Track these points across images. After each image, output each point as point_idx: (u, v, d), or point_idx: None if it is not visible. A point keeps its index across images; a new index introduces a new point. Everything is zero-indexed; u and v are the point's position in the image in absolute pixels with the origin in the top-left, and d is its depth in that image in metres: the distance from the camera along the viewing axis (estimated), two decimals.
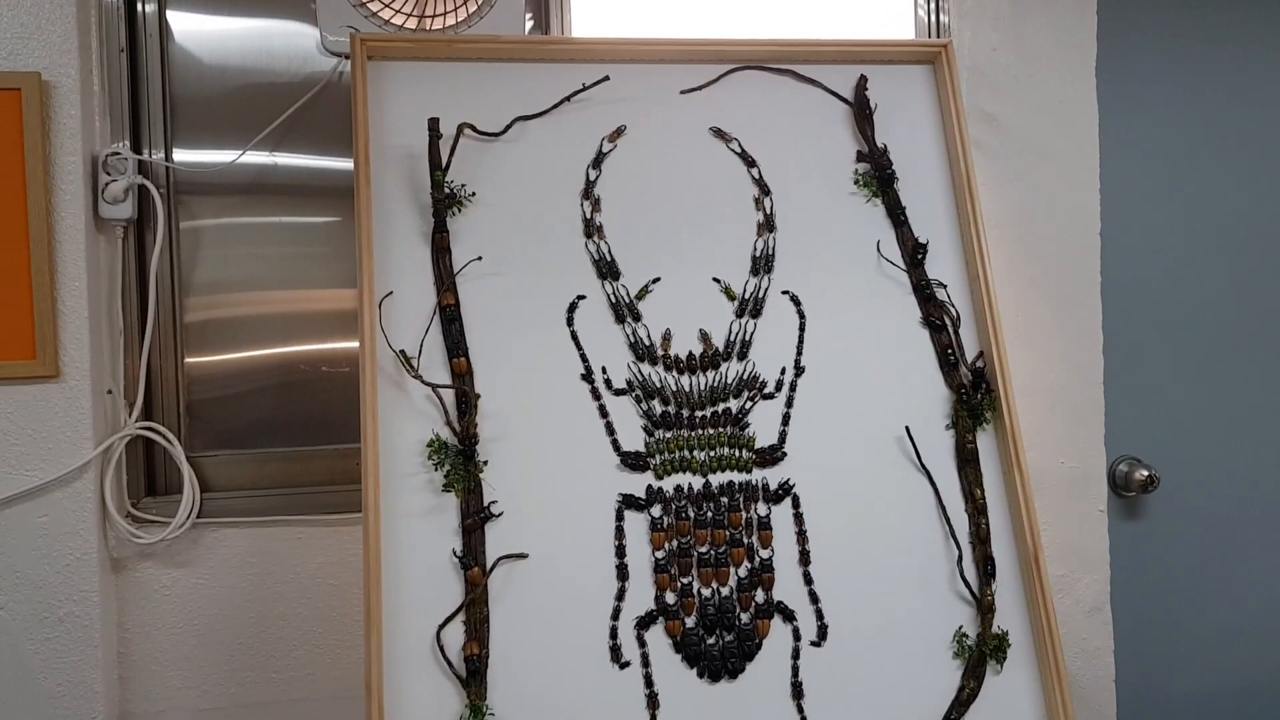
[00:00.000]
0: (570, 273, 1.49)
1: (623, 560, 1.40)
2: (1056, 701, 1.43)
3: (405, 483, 1.38)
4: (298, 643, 1.65)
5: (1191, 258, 2.07)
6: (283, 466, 1.72)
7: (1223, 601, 2.07)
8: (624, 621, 1.39)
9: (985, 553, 1.49)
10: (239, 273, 1.74)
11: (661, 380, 1.47)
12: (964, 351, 1.56)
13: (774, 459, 1.48)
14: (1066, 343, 1.86)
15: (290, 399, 1.75)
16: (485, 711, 1.31)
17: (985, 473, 1.52)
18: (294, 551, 1.66)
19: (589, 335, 1.47)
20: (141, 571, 1.62)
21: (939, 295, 1.57)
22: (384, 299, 1.41)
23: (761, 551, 1.44)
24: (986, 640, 1.45)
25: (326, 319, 1.76)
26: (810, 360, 1.52)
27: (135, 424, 1.63)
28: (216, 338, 1.73)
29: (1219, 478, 2.07)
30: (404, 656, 1.32)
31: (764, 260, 1.54)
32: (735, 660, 1.40)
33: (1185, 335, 2.07)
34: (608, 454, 1.44)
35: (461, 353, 1.42)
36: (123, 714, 1.61)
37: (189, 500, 1.62)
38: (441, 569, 1.36)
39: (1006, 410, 1.53)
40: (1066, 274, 1.86)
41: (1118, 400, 1.90)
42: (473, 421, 1.40)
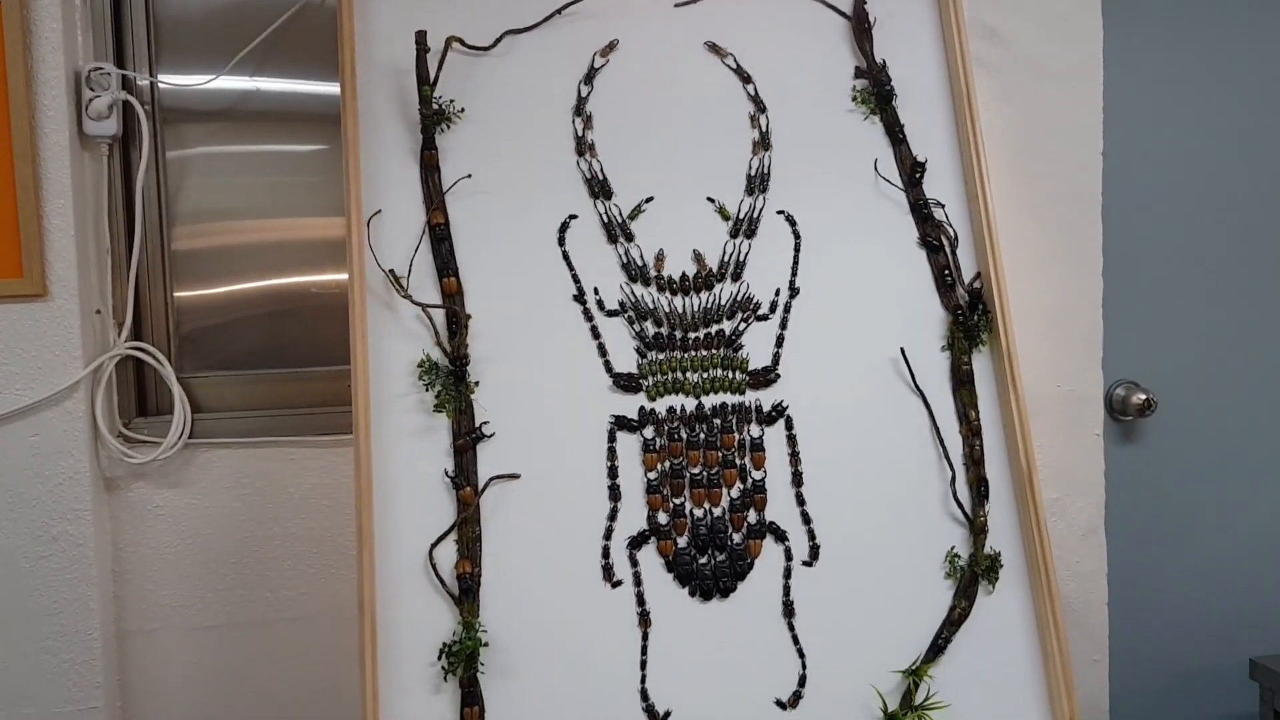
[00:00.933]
0: (561, 191, 1.46)
1: (615, 481, 1.40)
2: (1048, 621, 1.44)
3: (396, 403, 1.37)
4: (291, 563, 1.66)
5: (1195, 180, 2.04)
6: (274, 387, 1.71)
7: (1217, 525, 2.08)
8: (616, 541, 1.39)
9: (979, 474, 1.48)
10: (228, 200, 1.72)
11: (654, 301, 1.46)
12: (961, 273, 1.54)
13: (767, 381, 1.47)
14: (1066, 265, 1.84)
15: (280, 322, 1.74)
16: (478, 628, 1.31)
17: (980, 395, 1.52)
18: (286, 472, 1.65)
19: (581, 255, 1.45)
20: (134, 491, 1.62)
21: (937, 215, 1.55)
22: (372, 217, 1.39)
23: (754, 473, 1.44)
24: (979, 561, 1.45)
25: (317, 247, 1.74)
26: (805, 281, 1.50)
27: (125, 344, 1.62)
28: (206, 262, 1.71)
29: (1216, 402, 2.07)
30: (397, 575, 1.32)
31: (759, 179, 1.52)
32: (727, 580, 1.40)
33: (1186, 258, 2.05)
34: (600, 375, 1.43)
35: (451, 272, 1.40)
36: (119, 632, 1.63)
37: (180, 420, 1.62)
38: (433, 489, 1.36)
39: (1003, 332, 1.51)
40: (1067, 195, 1.84)
41: (1117, 323, 1.88)
42: (463, 342, 1.39)
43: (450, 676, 1.30)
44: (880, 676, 1.40)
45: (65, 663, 1.57)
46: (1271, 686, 1.91)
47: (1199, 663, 2.07)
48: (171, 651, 1.64)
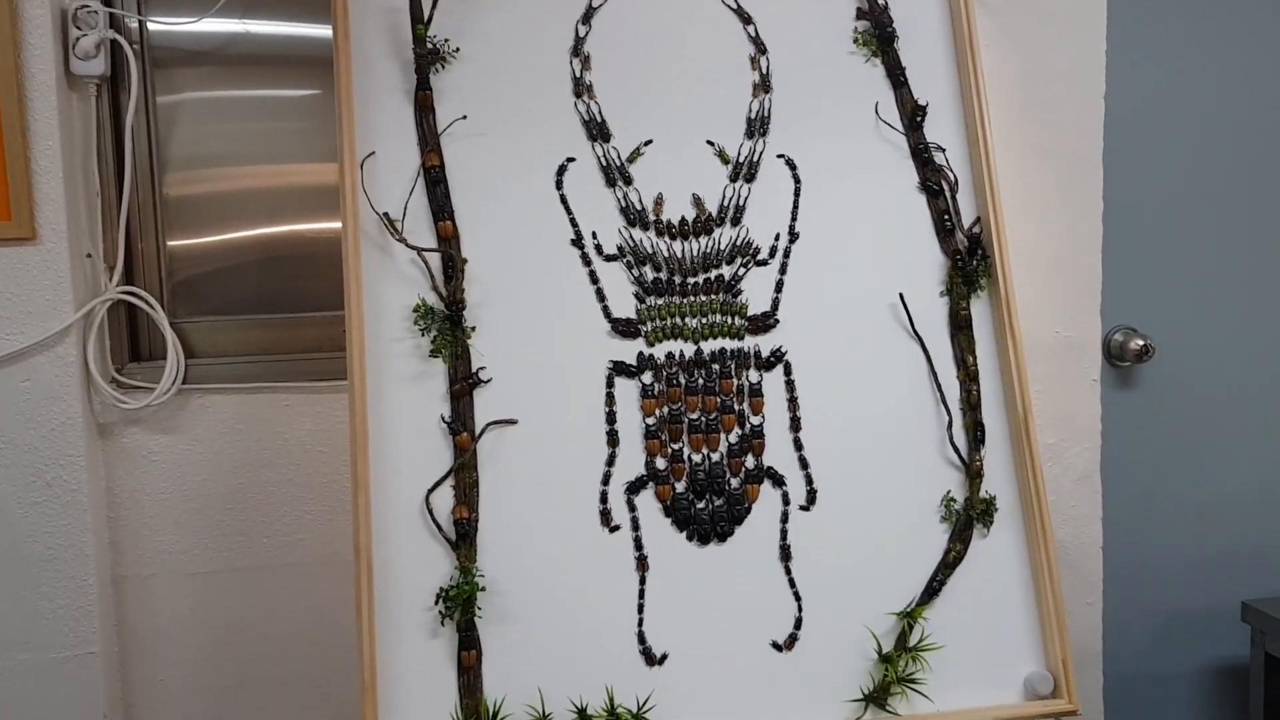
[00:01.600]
0: (559, 133, 1.45)
1: (613, 426, 1.40)
2: (1042, 563, 1.44)
3: (391, 348, 1.36)
4: (288, 508, 1.66)
5: (1197, 125, 2.03)
6: (268, 333, 1.70)
7: (1213, 471, 2.08)
8: (614, 486, 1.39)
9: (975, 419, 1.48)
10: (220, 146, 1.70)
11: (653, 246, 1.45)
12: (961, 217, 1.53)
13: (766, 326, 1.46)
14: (1066, 210, 1.82)
15: (274, 268, 1.73)
16: (475, 573, 1.32)
17: (978, 340, 1.51)
18: (281, 418, 1.65)
19: (578, 199, 1.44)
20: (128, 437, 1.61)
21: (937, 159, 1.54)
22: (365, 160, 1.37)
23: (752, 418, 1.44)
24: (974, 504, 1.46)
25: (310, 194, 1.72)
26: (805, 226, 1.49)
27: (116, 288, 1.61)
28: (198, 208, 1.70)
29: (1215, 349, 2.07)
30: (393, 520, 1.32)
31: (759, 122, 1.50)
32: (724, 524, 1.40)
33: (1187, 204, 2.04)
34: (598, 320, 1.42)
35: (447, 215, 1.39)
36: (115, 578, 1.63)
37: (173, 366, 1.61)
38: (430, 434, 1.35)
39: (1002, 277, 1.51)
40: (1069, 139, 1.82)
41: (1116, 269, 1.88)
42: (460, 286, 1.38)
43: (447, 620, 1.30)
44: (875, 619, 1.41)
45: (61, 608, 1.57)
46: (1263, 629, 1.93)
47: (1192, 606, 2.09)
48: (168, 597, 1.64)
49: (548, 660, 1.32)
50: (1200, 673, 2.11)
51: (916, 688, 1.39)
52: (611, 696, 1.32)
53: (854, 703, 1.38)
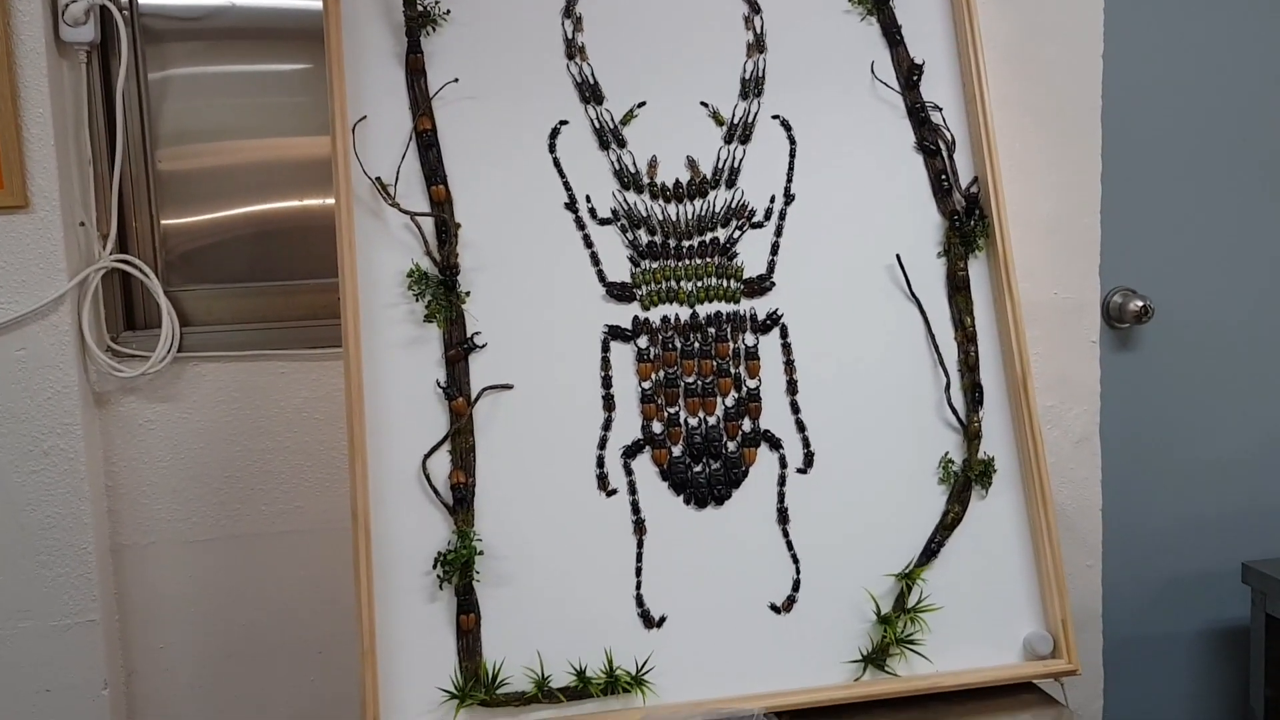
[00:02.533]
0: (551, 96, 1.43)
1: (609, 391, 1.40)
2: (1040, 524, 1.44)
3: (386, 313, 1.36)
4: (285, 476, 1.66)
5: (1196, 84, 2.01)
6: (263, 301, 1.69)
7: (1212, 432, 2.08)
8: (610, 451, 1.39)
9: (973, 380, 1.48)
10: (212, 121, 1.70)
11: (648, 209, 1.44)
12: (958, 177, 1.52)
13: (762, 289, 1.45)
14: (1064, 170, 1.81)
15: (269, 241, 1.73)
16: (472, 537, 1.32)
17: (976, 301, 1.50)
18: (278, 386, 1.64)
19: (572, 162, 1.43)
20: (125, 406, 1.61)
21: (934, 119, 1.53)
22: (357, 124, 1.36)
23: (749, 381, 1.43)
24: (972, 465, 1.45)
25: (304, 168, 1.72)
26: (800, 187, 1.48)
27: (110, 257, 1.60)
28: (191, 184, 1.69)
29: (1214, 310, 2.06)
30: (390, 486, 1.32)
31: (754, 83, 1.49)
32: (721, 487, 1.40)
33: (1187, 164, 2.02)
34: (593, 285, 1.42)
35: (440, 180, 1.38)
36: (114, 546, 1.63)
37: (168, 334, 1.60)
38: (425, 400, 1.35)
39: (999, 237, 1.50)
40: (1066, 98, 1.80)
41: (1115, 230, 1.87)
42: (453, 251, 1.37)
43: (445, 585, 1.31)
44: (873, 580, 1.41)
45: (61, 576, 1.57)
46: (1264, 590, 1.93)
47: (1192, 567, 2.09)
48: (167, 565, 1.65)
49: (546, 623, 1.32)
50: (1200, 634, 2.12)
51: (915, 649, 1.39)
52: (610, 659, 1.32)
53: (852, 664, 1.38)
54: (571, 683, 1.31)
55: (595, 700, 1.31)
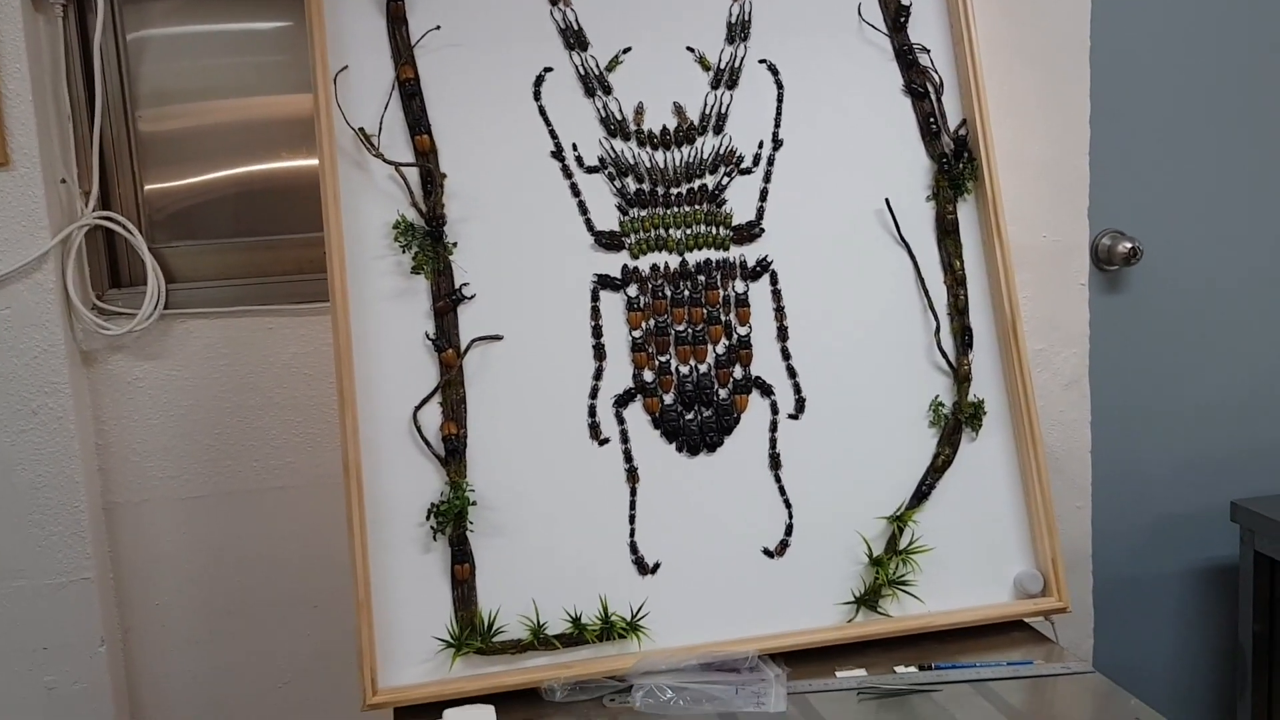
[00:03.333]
0: (536, 43, 1.42)
1: (599, 340, 1.39)
2: (1030, 465, 1.45)
3: (373, 265, 1.35)
4: (276, 432, 1.65)
5: (1184, 24, 1.99)
6: (248, 256, 1.68)
7: (1201, 374, 2.08)
8: (602, 400, 1.39)
9: (963, 324, 1.48)
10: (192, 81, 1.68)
11: (635, 156, 1.43)
12: (946, 120, 1.51)
13: (752, 236, 1.45)
14: (1052, 112, 1.80)
15: (252, 200, 1.71)
16: (465, 488, 1.32)
17: (965, 244, 1.50)
18: (266, 342, 1.64)
19: (557, 110, 1.42)
20: (113, 364, 1.60)
21: (922, 61, 1.51)
22: (339, 74, 1.34)
23: (739, 328, 1.43)
24: (962, 408, 1.46)
25: (287, 126, 1.70)
26: (788, 132, 1.47)
27: (93, 213, 1.58)
28: (174, 145, 1.67)
29: (1203, 251, 2.06)
30: (381, 438, 1.32)
31: (740, 27, 1.47)
32: (714, 434, 1.40)
33: (1175, 105, 2.01)
34: (581, 234, 1.41)
35: (424, 129, 1.37)
36: (106, 504, 1.62)
37: (154, 291, 1.59)
38: (415, 352, 1.35)
39: (988, 179, 1.49)
40: (1054, 39, 1.79)
41: (1103, 172, 1.86)
42: (439, 201, 1.36)
43: (439, 535, 1.31)
44: (866, 523, 1.41)
45: (53, 535, 1.57)
46: (1252, 528, 1.95)
47: (1181, 507, 2.10)
48: (160, 522, 1.64)
49: (541, 572, 1.33)
50: (1190, 573, 2.13)
51: (907, 589, 1.40)
52: (605, 605, 1.33)
53: (846, 605, 1.39)
54: (567, 630, 1.32)
55: (591, 646, 1.32)
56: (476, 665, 1.30)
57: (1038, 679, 1.32)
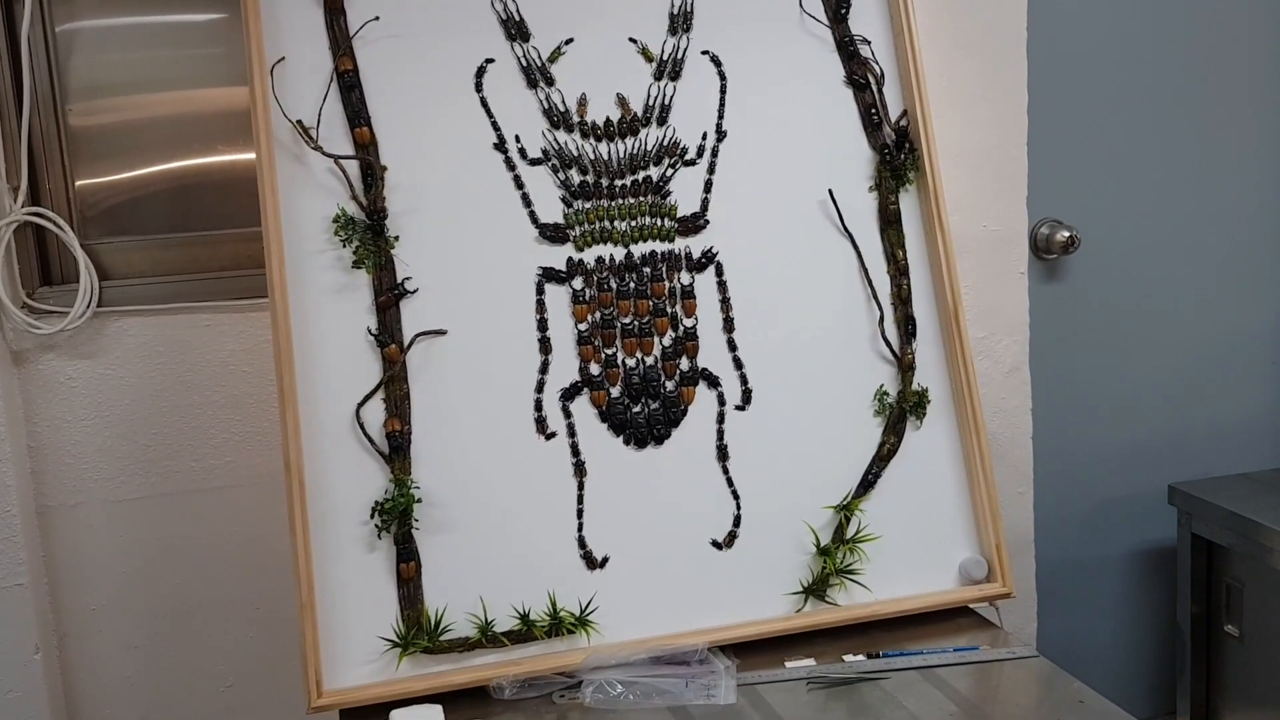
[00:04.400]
0: (476, 34, 1.40)
1: (545, 334, 1.38)
2: (974, 452, 1.46)
3: (312, 260, 1.33)
4: (215, 431, 1.62)
5: (1120, 16, 2.02)
6: (184, 252, 1.65)
7: (1138, 360, 2.12)
8: (548, 394, 1.38)
9: (906, 313, 1.49)
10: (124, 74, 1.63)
11: (579, 148, 1.42)
12: (888, 111, 1.52)
13: (696, 227, 1.44)
14: (991, 103, 1.82)
15: (187, 195, 1.67)
16: (410, 485, 1.30)
17: (907, 234, 1.51)
18: (203, 339, 1.60)
19: (499, 101, 1.40)
20: (44, 364, 1.56)
21: (863, 52, 1.52)
22: (275, 65, 1.32)
23: (685, 320, 1.43)
24: (907, 397, 1.47)
25: (221, 119, 1.66)
26: (732, 124, 1.47)
27: (22, 210, 1.54)
28: (105, 140, 1.63)
29: (1139, 239, 2.09)
30: (323, 435, 1.30)
31: (682, 18, 1.47)
32: (661, 427, 1.40)
33: (1111, 95, 2.04)
34: (525, 226, 1.40)
35: (364, 121, 1.35)
36: (40, 508, 1.58)
37: (86, 289, 1.55)
38: (357, 347, 1.33)
39: (929, 170, 1.50)
40: (993, 31, 1.81)
41: (1041, 162, 1.88)
42: (380, 194, 1.34)
43: (384, 534, 1.29)
44: (813, 513, 1.42)
45: None
46: (1189, 511, 1.98)
47: (1120, 491, 2.14)
48: (95, 525, 1.61)
49: (488, 569, 1.32)
50: (1130, 555, 2.17)
51: (855, 578, 1.41)
52: (554, 601, 1.32)
53: (794, 595, 1.40)
54: (515, 626, 1.31)
55: (540, 643, 1.31)
56: (423, 665, 1.28)
57: (984, 664, 1.33)
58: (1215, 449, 2.16)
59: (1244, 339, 2.16)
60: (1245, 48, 2.09)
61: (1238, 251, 2.14)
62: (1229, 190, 2.12)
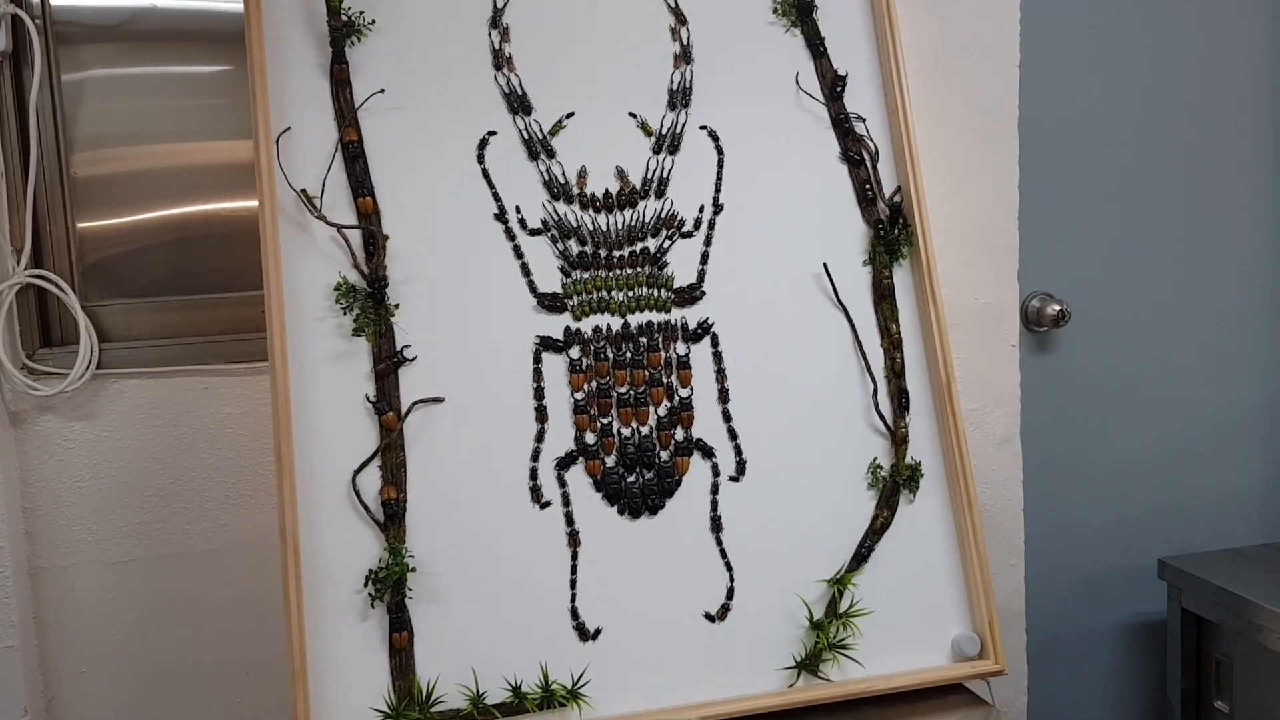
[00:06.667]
0: (479, 107, 1.43)
1: (541, 402, 1.39)
2: (967, 528, 1.47)
3: (313, 327, 1.34)
4: (210, 494, 1.62)
5: (1109, 93, 2.06)
6: (184, 315, 1.66)
7: (1127, 432, 2.14)
8: (544, 462, 1.38)
9: (900, 386, 1.50)
10: (129, 124, 1.64)
11: (578, 219, 1.44)
12: (882, 187, 1.54)
13: (693, 298, 1.46)
14: (983, 178, 1.84)
15: (188, 249, 1.68)
16: (404, 554, 1.30)
17: (901, 308, 1.53)
18: (201, 402, 1.61)
19: (501, 173, 1.42)
20: (42, 425, 1.57)
21: (858, 129, 1.55)
22: (281, 135, 1.34)
23: (681, 390, 1.44)
24: (900, 471, 1.48)
25: (224, 172, 1.67)
26: (728, 197, 1.49)
27: (25, 272, 1.55)
28: (108, 189, 1.64)
29: (1128, 312, 2.12)
30: (319, 502, 1.30)
31: (681, 93, 1.50)
32: (655, 497, 1.40)
33: (1100, 171, 2.08)
34: (524, 296, 1.41)
35: (367, 191, 1.36)
36: (32, 569, 1.58)
37: (86, 351, 1.56)
38: (355, 415, 1.33)
39: (923, 246, 1.52)
40: (985, 108, 1.84)
41: (1032, 236, 1.91)
42: (381, 263, 1.36)
43: (378, 602, 1.29)
44: (806, 586, 1.42)
45: None
46: (1179, 585, 1.99)
47: (1110, 564, 2.14)
48: (88, 587, 1.60)
49: (481, 639, 1.32)
50: (1120, 629, 2.17)
51: (848, 653, 1.41)
52: (546, 673, 1.32)
53: (787, 670, 1.39)
54: (507, 699, 1.30)
55: (531, 715, 1.31)
56: None
57: None
58: (1204, 522, 2.17)
59: (1232, 413, 2.18)
60: (1234, 125, 2.13)
61: (1226, 326, 2.17)
62: (1217, 265, 2.15)
